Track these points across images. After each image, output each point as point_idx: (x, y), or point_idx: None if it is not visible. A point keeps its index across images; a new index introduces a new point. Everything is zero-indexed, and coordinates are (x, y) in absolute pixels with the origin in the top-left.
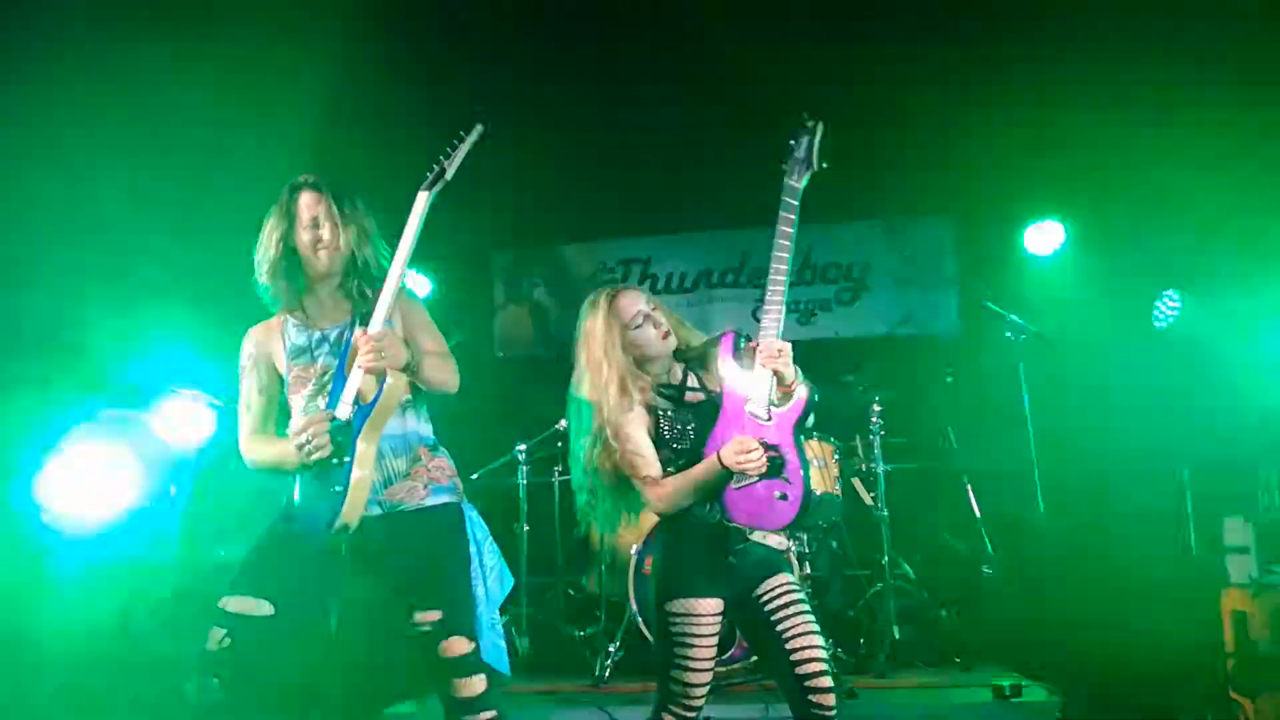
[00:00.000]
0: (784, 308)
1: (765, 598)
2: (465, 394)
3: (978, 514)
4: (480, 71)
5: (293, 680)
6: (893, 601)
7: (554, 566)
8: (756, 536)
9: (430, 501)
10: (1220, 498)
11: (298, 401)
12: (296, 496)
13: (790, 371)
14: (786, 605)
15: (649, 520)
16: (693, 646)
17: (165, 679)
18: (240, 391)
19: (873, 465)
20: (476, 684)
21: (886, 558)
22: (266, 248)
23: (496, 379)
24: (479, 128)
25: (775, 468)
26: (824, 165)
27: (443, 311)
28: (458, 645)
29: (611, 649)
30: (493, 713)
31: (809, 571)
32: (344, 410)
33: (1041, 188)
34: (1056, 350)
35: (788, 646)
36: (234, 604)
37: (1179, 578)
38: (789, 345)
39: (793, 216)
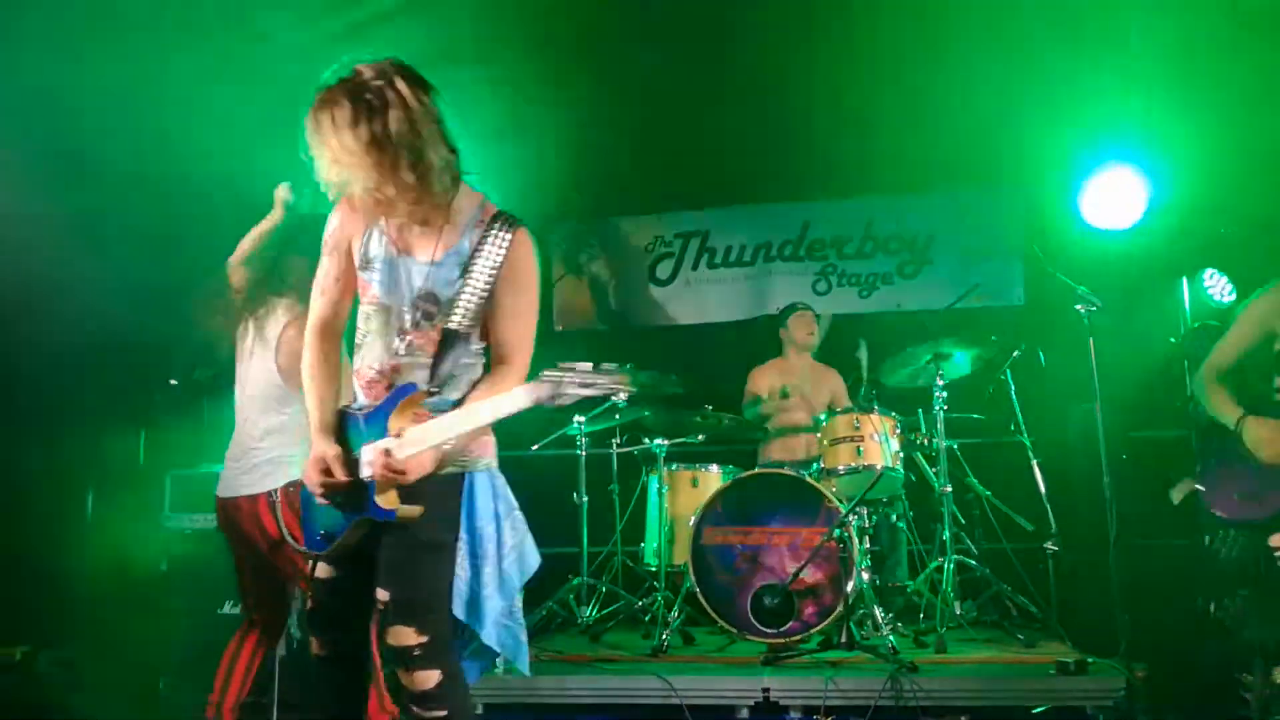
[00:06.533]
0: None
1: None
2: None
3: (1043, 489)
4: (540, 44)
5: None
6: (954, 576)
7: (611, 537)
8: None
9: None
10: None
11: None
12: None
13: None
14: None
15: (707, 491)
16: None
17: None
18: (319, 269)
19: (935, 440)
20: (423, 679)
21: (948, 532)
22: None
23: (555, 352)
24: (622, 397)
25: None
26: None
27: None
28: (402, 634)
29: (670, 619)
30: (444, 711)
31: (870, 545)
32: (366, 470)
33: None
34: (1125, 322)
35: None
36: (319, 569)
37: (1247, 552)
38: None
39: None
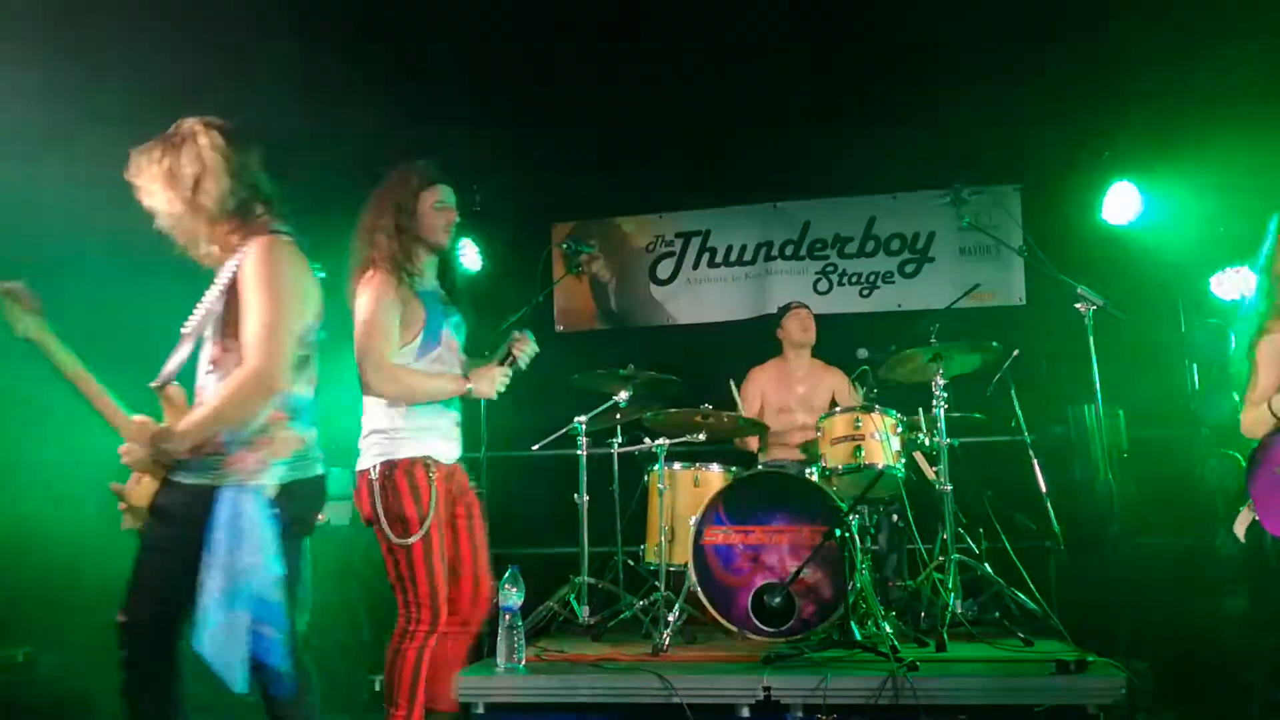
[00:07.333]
0: None
1: None
2: (527, 368)
3: (1043, 488)
4: (542, 45)
5: None
6: (955, 575)
7: (612, 537)
8: None
9: (175, 477)
10: None
11: None
12: None
13: None
14: None
15: (708, 490)
16: None
17: None
18: None
19: (935, 439)
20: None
21: (949, 531)
22: None
23: (556, 353)
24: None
25: None
26: None
27: (502, 285)
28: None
29: (671, 618)
30: (134, 695)
31: (870, 545)
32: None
33: (1112, 153)
34: (1126, 322)
35: None
36: None
37: (1251, 551)
38: None
39: None
